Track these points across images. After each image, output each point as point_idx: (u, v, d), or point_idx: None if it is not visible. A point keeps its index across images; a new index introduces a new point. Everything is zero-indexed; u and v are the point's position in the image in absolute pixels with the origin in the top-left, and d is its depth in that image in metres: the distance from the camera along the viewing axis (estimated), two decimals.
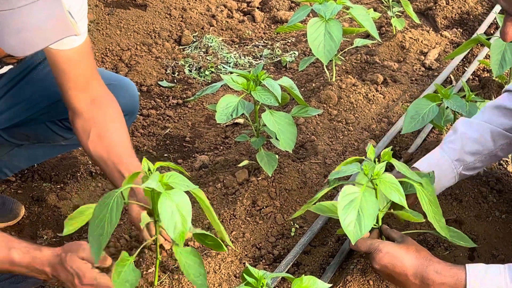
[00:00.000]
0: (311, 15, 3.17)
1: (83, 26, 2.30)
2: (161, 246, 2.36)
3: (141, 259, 2.36)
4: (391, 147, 2.29)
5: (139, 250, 2.12)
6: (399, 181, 2.08)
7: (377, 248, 2.07)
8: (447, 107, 2.69)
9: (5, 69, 2.39)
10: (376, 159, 2.15)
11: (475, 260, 2.48)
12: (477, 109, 2.63)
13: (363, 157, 2.13)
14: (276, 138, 2.54)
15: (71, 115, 2.46)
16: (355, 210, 1.98)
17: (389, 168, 2.25)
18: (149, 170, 1.99)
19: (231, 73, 2.63)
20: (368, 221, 1.97)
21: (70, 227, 2.10)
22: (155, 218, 2.00)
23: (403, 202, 2.02)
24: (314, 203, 2.23)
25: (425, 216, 2.16)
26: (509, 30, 1.91)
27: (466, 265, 2.02)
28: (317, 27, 3.04)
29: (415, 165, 2.40)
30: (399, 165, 2.13)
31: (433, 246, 2.43)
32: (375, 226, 2.16)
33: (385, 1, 3.87)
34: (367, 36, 3.79)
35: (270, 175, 2.68)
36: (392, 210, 2.21)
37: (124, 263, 2.00)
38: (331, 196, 2.64)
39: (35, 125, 2.62)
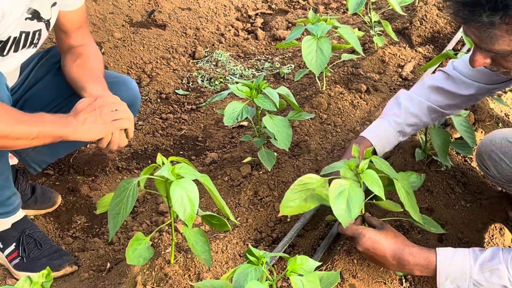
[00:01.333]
0: (305, 33, 3.16)
1: None
2: (176, 229, 2.37)
3: (159, 241, 2.35)
4: (373, 146, 2.27)
5: (154, 232, 2.12)
6: (379, 176, 2.08)
7: (361, 233, 2.08)
8: None
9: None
10: (360, 157, 2.15)
11: (443, 242, 2.47)
12: None
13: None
14: (275, 138, 2.54)
15: (63, 56, 2.56)
16: (345, 200, 1.99)
17: None
18: (162, 163, 2.00)
19: (237, 83, 2.64)
20: (356, 208, 1.98)
21: (101, 208, 2.13)
22: (169, 204, 1.99)
23: (382, 194, 2.03)
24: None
25: (402, 206, 2.16)
26: (478, 58, 1.93)
27: (437, 248, 2.03)
28: (310, 44, 3.04)
29: (363, 134, 2.45)
30: (379, 162, 2.13)
31: (408, 230, 2.43)
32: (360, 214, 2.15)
33: (368, 22, 3.85)
34: (353, 51, 3.77)
35: (270, 170, 2.68)
36: (374, 201, 2.20)
37: (140, 242, 2.01)
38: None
39: None
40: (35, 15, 2.35)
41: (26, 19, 2.32)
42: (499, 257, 1.99)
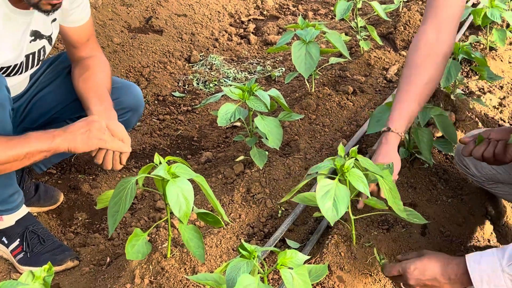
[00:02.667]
0: (295, 38, 3.15)
1: (86, 11, 2.51)
2: (173, 225, 2.36)
3: (156, 236, 2.34)
4: (358, 145, 2.27)
5: (151, 228, 2.11)
6: (364, 174, 2.08)
7: (406, 267, 1.98)
8: None
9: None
10: (346, 156, 2.14)
11: (426, 235, 2.47)
12: (429, 114, 2.62)
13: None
14: (266, 138, 2.53)
15: (72, 66, 2.59)
16: (331, 198, 1.98)
17: None
18: (159, 162, 2.00)
19: (231, 85, 2.63)
20: (342, 206, 1.98)
21: (101, 203, 2.14)
22: (165, 202, 1.99)
23: (367, 192, 2.03)
24: (296, 193, 2.22)
25: (386, 202, 2.16)
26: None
27: (466, 255, 1.92)
28: (299, 48, 3.03)
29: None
30: (363, 160, 2.13)
31: (393, 224, 2.43)
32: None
33: (355, 27, 3.85)
34: (340, 55, 3.77)
35: (261, 168, 2.67)
36: (360, 198, 2.20)
37: (138, 238, 2.01)
38: (310, 184, 2.63)
39: (57, 123, 2.62)
40: (37, 35, 2.35)
41: (30, 41, 2.32)
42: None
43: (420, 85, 2.41)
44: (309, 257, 1.87)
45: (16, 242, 2.50)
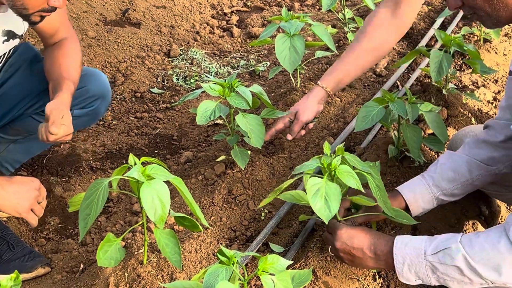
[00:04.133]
0: (280, 30, 3.14)
1: None
2: (150, 229, 2.35)
3: (132, 241, 2.33)
4: (343, 143, 2.26)
5: (125, 233, 2.10)
6: None
7: (338, 228, 2.08)
8: None
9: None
10: (333, 154, 2.14)
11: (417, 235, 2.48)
12: (418, 110, 2.62)
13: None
14: (248, 137, 2.53)
15: (45, 51, 2.66)
16: (322, 197, 1.98)
17: None
18: (134, 163, 1.99)
19: (211, 81, 2.62)
20: (334, 204, 1.98)
21: (73, 206, 2.11)
22: (141, 205, 1.98)
23: (359, 187, 2.03)
24: (279, 193, 2.22)
25: (375, 200, 2.16)
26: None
27: (397, 236, 2.02)
28: (284, 42, 3.02)
29: (397, 188, 2.33)
30: (351, 157, 2.13)
31: (382, 226, 2.43)
32: None
33: (342, 19, 3.85)
34: (327, 48, 3.77)
35: (243, 168, 2.67)
36: (348, 197, 2.20)
37: (111, 243, 2.00)
38: (295, 185, 2.63)
39: (23, 120, 2.64)
40: (10, 35, 2.35)
41: (3, 42, 2.31)
42: (455, 237, 1.91)
43: (360, 50, 2.80)
44: (291, 262, 1.86)
45: None
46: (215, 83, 2.51)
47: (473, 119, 3.17)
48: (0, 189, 2.15)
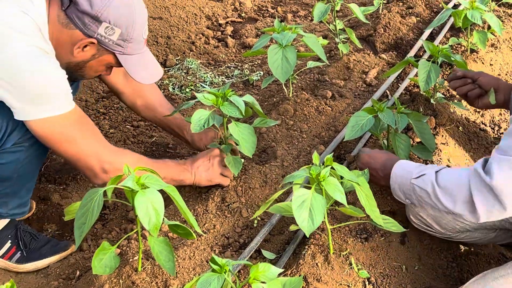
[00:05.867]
0: (273, 41, 3.13)
1: None
2: (145, 236, 2.33)
3: (128, 248, 2.31)
4: (334, 151, 2.25)
5: (120, 241, 2.08)
6: (340, 182, 2.07)
7: (363, 151, 2.51)
8: None
9: None
10: (322, 164, 2.13)
11: (406, 244, 2.46)
12: (407, 120, 2.62)
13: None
14: (239, 145, 2.51)
15: (115, 93, 2.87)
16: (307, 209, 1.98)
17: None
18: (129, 172, 1.98)
19: (205, 91, 2.61)
20: (318, 217, 1.97)
21: (69, 215, 2.09)
22: (135, 213, 1.96)
23: (344, 200, 2.02)
24: (271, 204, 2.21)
25: (363, 209, 2.15)
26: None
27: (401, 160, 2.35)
28: (276, 52, 3.01)
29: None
30: (339, 167, 2.12)
31: (371, 233, 2.41)
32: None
33: (333, 30, 3.84)
34: (319, 59, 3.75)
35: (237, 175, 2.65)
36: (337, 207, 2.19)
37: (106, 251, 1.98)
38: (288, 192, 2.62)
39: None
40: None
41: None
42: (434, 165, 2.19)
43: None
44: (282, 270, 1.85)
45: (7, 244, 2.51)
46: (209, 93, 2.50)
47: (460, 127, 3.16)
48: (190, 171, 2.56)
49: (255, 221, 2.52)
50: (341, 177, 2.12)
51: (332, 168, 2.11)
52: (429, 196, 2.14)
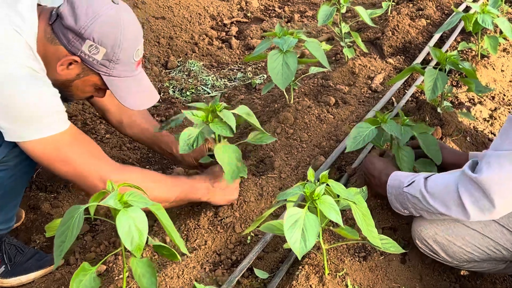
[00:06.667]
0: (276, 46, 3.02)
1: None
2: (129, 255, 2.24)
3: (114, 265, 2.22)
4: (334, 163, 2.13)
5: (100, 263, 1.98)
6: (335, 200, 1.97)
7: (367, 156, 2.52)
8: None
9: None
10: (317, 180, 2.03)
11: (406, 263, 2.36)
12: (411, 132, 2.51)
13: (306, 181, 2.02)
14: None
15: (100, 112, 2.72)
16: (300, 229, 1.88)
17: None
18: (112, 189, 1.89)
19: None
20: (311, 238, 1.88)
21: (50, 231, 1.99)
22: (118, 231, 1.87)
23: (339, 221, 1.92)
24: (263, 221, 2.11)
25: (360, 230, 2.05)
26: None
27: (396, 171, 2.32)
28: (276, 58, 2.91)
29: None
30: (335, 185, 2.02)
31: (370, 252, 2.31)
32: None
33: (338, 33, 3.73)
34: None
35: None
36: (331, 228, 2.09)
37: (86, 273, 1.89)
38: (284, 206, 2.51)
39: None
40: None
41: None
42: (425, 175, 2.15)
43: None
44: None
45: None
46: (198, 109, 2.37)
47: (468, 138, 3.04)
48: (210, 192, 2.43)
49: (249, 237, 2.42)
50: (338, 195, 2.02)
51: (327, 185, 2.01)
52: (421, 202, 2.11)
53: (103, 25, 2.08)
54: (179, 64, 4.24)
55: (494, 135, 3.19)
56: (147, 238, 1.93)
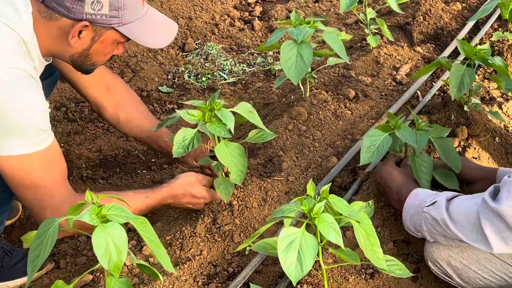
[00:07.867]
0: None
1: None
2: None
3: (101, 275, 2.10)
4: (330, 184, 1.94)
5: (79, 278, 1.86)
6: (335, 218, 1.80)
7: (383, 163, 2.35)
8: None
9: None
10: (317, 195, 1.87)
11: (418, 280, 2.19)
12: (427, 138, 2.31)
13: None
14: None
15: (96, 108, 2.58)
16: (295, 251, 1.74)
17: None
18: (92, 201, 1.75)
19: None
20: (309, 260, 1.73)
21: (26, 243, 1.85)
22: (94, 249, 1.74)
23: (340, 242, 1.76)
24: (257, 238, 1.95)
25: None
26: None
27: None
28: (290, 49, 2.71)
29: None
30: (337, 201, 1.85)
31: (377, 270, 2.14)
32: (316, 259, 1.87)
33: (363, 19, 3.51)
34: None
35: (226, 202, 2.37)
36: (330, 249, 1.93)
37: None
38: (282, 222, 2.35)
39: None
40: None
41: None
42: (449, 194, 1.99)
43: None
44: None
45: None
46: (195, 105, 2.21)
47: (497, 138, 2.82)
48: (174, 202, 2.33)
49: (247, 248, 2.26)
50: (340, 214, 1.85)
51: (328, 201, 1.84)
52: (440, 225, 1.96)
53: None
54: (197, 47, 4.07)
55: None
56: (130, 254, 1.81)
